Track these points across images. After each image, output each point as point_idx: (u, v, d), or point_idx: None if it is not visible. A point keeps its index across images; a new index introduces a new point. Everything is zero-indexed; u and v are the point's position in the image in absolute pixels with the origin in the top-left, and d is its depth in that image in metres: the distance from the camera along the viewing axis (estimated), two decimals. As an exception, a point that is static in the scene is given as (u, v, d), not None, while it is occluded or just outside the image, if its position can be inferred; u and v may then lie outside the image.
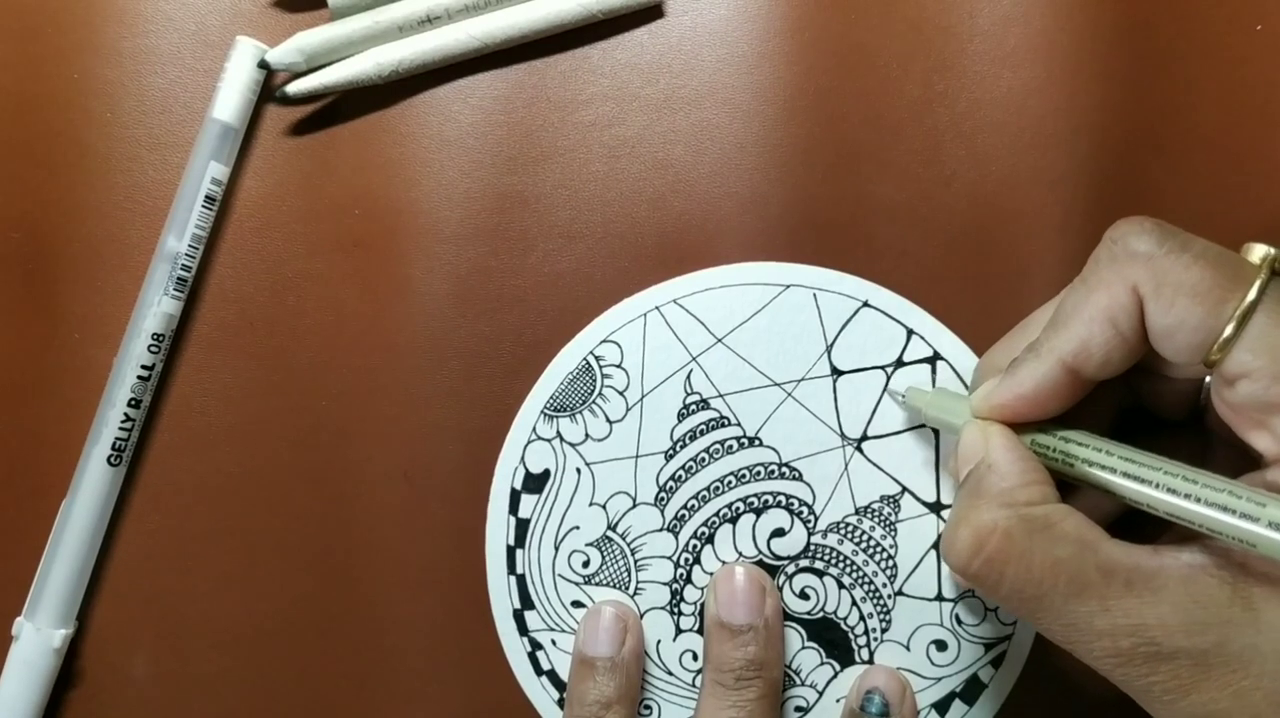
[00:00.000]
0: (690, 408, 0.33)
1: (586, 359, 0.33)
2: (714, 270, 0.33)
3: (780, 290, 0.33)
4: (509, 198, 0.33)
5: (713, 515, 0.32)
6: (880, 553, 0.32)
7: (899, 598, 0.32)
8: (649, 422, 0.33)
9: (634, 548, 0.33)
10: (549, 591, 0.33)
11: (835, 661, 0.32)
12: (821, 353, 0.32)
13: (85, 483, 0.32)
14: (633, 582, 0.33)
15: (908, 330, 0.32)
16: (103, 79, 0.34)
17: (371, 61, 0.33)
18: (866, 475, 0.32)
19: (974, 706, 0.32)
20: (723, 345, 0.33)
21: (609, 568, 0.33)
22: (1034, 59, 0.33)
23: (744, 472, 0.32)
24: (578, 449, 0.33)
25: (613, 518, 0.33)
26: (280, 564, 0.33)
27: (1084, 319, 0.24)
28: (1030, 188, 0.33)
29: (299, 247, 0.34)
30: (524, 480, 0.33)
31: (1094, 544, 0.23)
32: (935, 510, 0.32)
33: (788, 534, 0.32)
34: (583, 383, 0.33)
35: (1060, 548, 0.23)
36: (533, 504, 0.33)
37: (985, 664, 0.32)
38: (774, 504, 0.32)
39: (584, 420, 0.33)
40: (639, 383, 0.33)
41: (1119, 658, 0.22)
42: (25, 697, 0.32)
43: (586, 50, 0.34)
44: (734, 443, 0.32)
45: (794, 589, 0.32)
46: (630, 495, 0.33)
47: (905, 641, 0.32)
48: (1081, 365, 0.24)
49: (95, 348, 0.33)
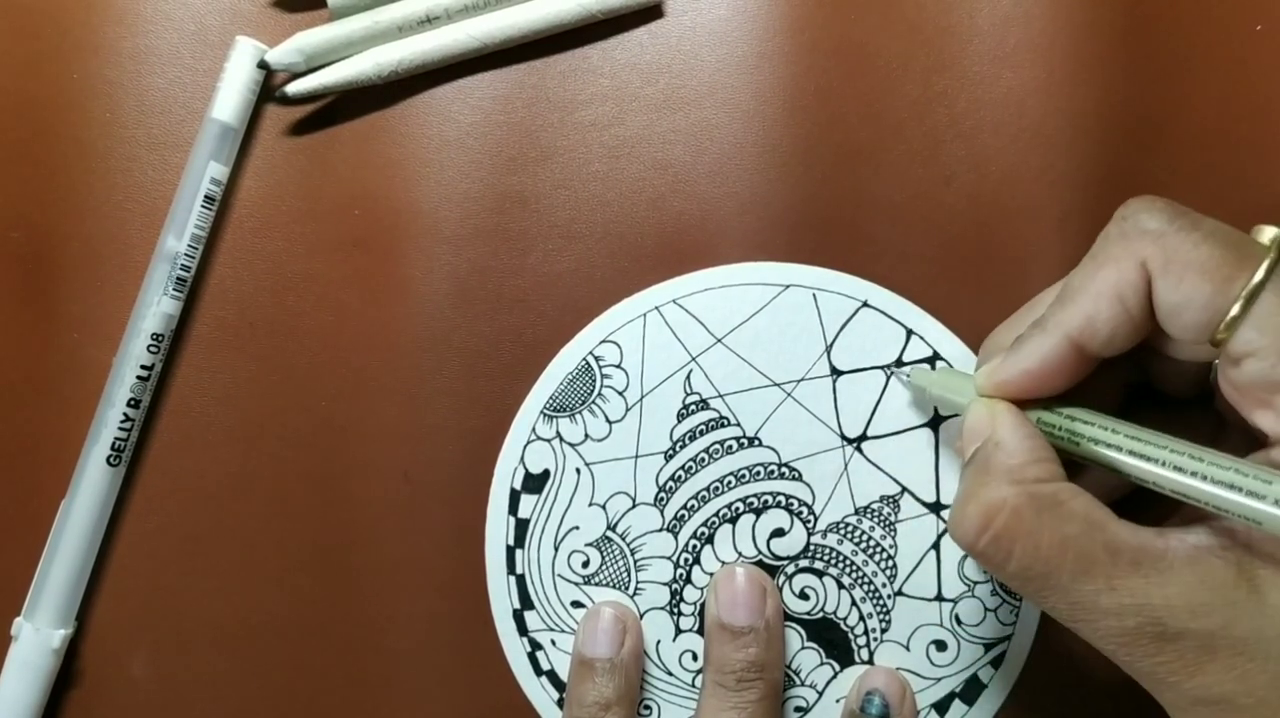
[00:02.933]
0: (690, 408, 0.32)
1: (586, 359, 0.33)
2: (714, 270, 0.33)
3: (780, 290, 0.33)
4: (509, 198, 0.33)
5: (712, 516, 0.32)
6: (880, 553, 0.32)
7: (898, 598, 0.32)
8: (649, 422, 0.33)
9: (634, 548, 0.32)
10: (549, 591, 0.33)
11: (835, 661, 0.32)
12: (821, 353, 0.32)
13: (84, 483, 0.32)
14: (632, 582, 0.32)
15: (907, 330, 0.32)
16: (103, 79, 0.34)
17: (371, 61, 0.33)
18: (866, 476, 0.32)
19: (974, 706, 0.32)
20: (722, 346, 0.32)
21: (609, 568, 0.32)
22: (1034, 59, 0.33)
23: (744, 472, 0.32)
24: (577, 449, 0.33)
25: (612, 518, 0.32)
26: (280, 564, 0.33)
27: (1091, 294, 0.24)
28: (1030, 187, 0.33)
29: (299, 247, 0.34)
30: (524, 481, 0.33)
31: (1101, 523, 0.23)
32: (935, 511, 0.32)
33: (787, 534, 0.32)
34: (582, 383, 0.33)
35: (1068, 526, 0.23)
36: (532, 504, 0.33)
37: (985, 664, 0.32)
38: (774, 504, 0.32)
39: (583, 420, 0.33)
40: (638, 383, 0.33)
41: (1125, 638, 0.22)
42: (24, 697, 0.31)
43: (586, 50, 0.34)
44: (734, 443, 0.32)
45: (794, 590, 0.32)
46: (630, 496, 0.32)
47: (905, 641, 0.32)
48: (1087, 341, 0.24)
49: (95, 348, 0.33)
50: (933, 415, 0.32)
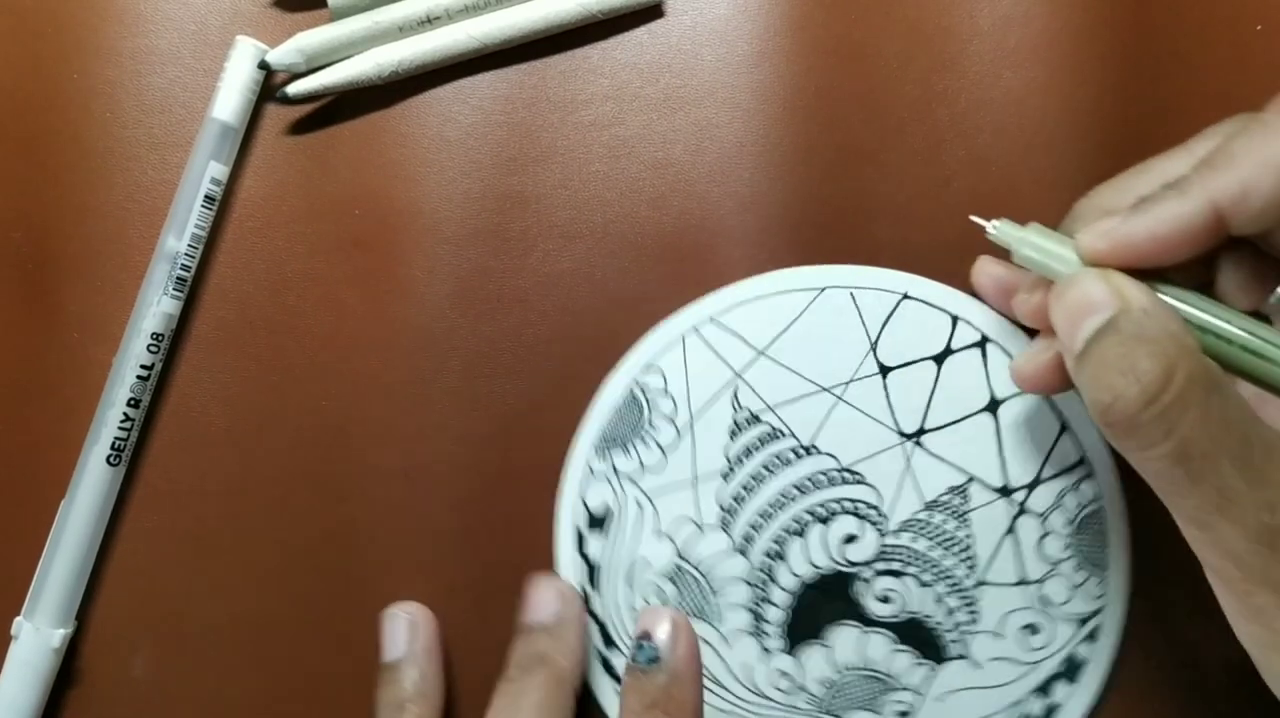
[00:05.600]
0: (741, 425, 0.32)
1: (631, 389, 0.32)
2: (746, 283, 0.32)
3: (816, 294, 0.32)
4: (509, 198, 0.33)
5: (780, 531, 0.32)
6: (956, 545, 0.31)
7: (982, 588, 0.31)
8: (702, 444, 0.32)
9: (707, 574, 0.32)
10: (629, 628, 0.32)
11: (930, 660, 0.31)
12: (866, 352, 0.32)
13: (84, 483, 0.32)
14: (711, 609, 0.32)
15: (952, 318, 0.32)
16: (103, 79, 0.34)
17: (371, 62, 0.33)
18: (930, 469, 0.31)
19: (1077, 683, 0.31)
20: (765, 358, 0.32)
21: (686, 598, 0.32)
22: (1034, 59, 0.33)
23: (805, 482, 0.32)
24: (635, 482, 0.32)
25: (681, 547, 0.32)
26: (280, 564, 0.33)
27: (1253, 160, 0.22)
28: (1030, 188, 0.33)
29: (299, 247, 0.34)
30: (587, 521, 0.32)
31: (1254, 415, 0.22)
32: (1005, 494, 0.31)
33: (860, 539, 0.31)
34: (630, 414, 0.32)
35: (1233, 409, 0.21)
36: (599, 544, 0.32)
37: (1081, 641, 0.31)
38: (841, 511, 0.32)
39: (637, 451, 0.32)
40: (686, 406, 0.32)
41: (1268, 537, 0.21)
42: (24, 697, 0.31)
43: (586, 50, 0.34)
44: (790, 454, 0.32)
45: (875, 594, 0.31)
46: (695, 522, 0.32)
47: (997, 629, 0.31)
48: (1235, 212, 0.22)
49: (95, 347, 0.33)
50: (989, 400, 0.31)
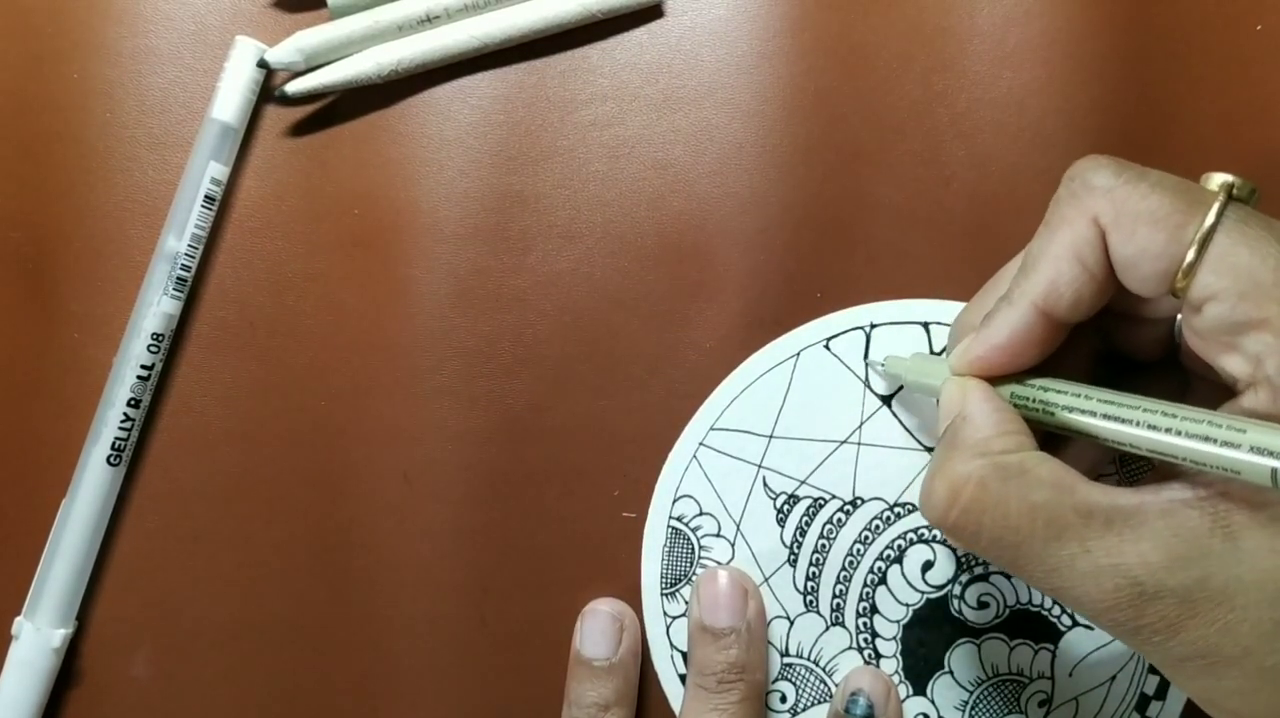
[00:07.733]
0: (784, 508, 0.32)
1: (671, 526, 0.32)
2: (726, 383, 0.33)
3: (794, 361, 0.32)
4: (509, 198, 0.33)
5: (863, 588, 0.32)
6: None
7: None
8: (756, 543, 0.32)
9: (816, 659, 0.32)
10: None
11: (1047, 642, 0.32)
12: (862, 392, 0.32)
13: (85, 483, 0.32)
14: (834, 689, 0.32)
15: (923, 324, 0.32)
16: (103, 79, 0.34)
17: (371, 61, 0.33)
18: None
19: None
20: (776, 439, 0.32)
21: (806, 692, 0.32)
22: (1034, 59, 0.33)
23: (865, 534, 0.32)
24: None
25: (781, 644, 0.32)
26: (280, 564, 0.33)
27: (1050, 259, 0.24)
28: (1030, 187, 0.33)
29: (299, 247, 0.34)
30: (684, 661, 0.32)
31: (1071, 487, 0.23)
32: None
33: (936, 562, 0.32)
34: (681, 549, 0.32)
35: (1036, 493, 0.23)
36: None
37: None
38: (908, 545, 0.32)
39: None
40: (727, 517, 0.32)
41: (1105, 602, 0.22)
42: (25, 697, 0.31)
43: (586, 50, 0.34)
44: (841, 515, 0.32)
45: (971, 603, 0.32)
46: (784, 616, 0.32)
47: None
48: (1053, 307, 0.24)
49: (95, 348, 0.33)
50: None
